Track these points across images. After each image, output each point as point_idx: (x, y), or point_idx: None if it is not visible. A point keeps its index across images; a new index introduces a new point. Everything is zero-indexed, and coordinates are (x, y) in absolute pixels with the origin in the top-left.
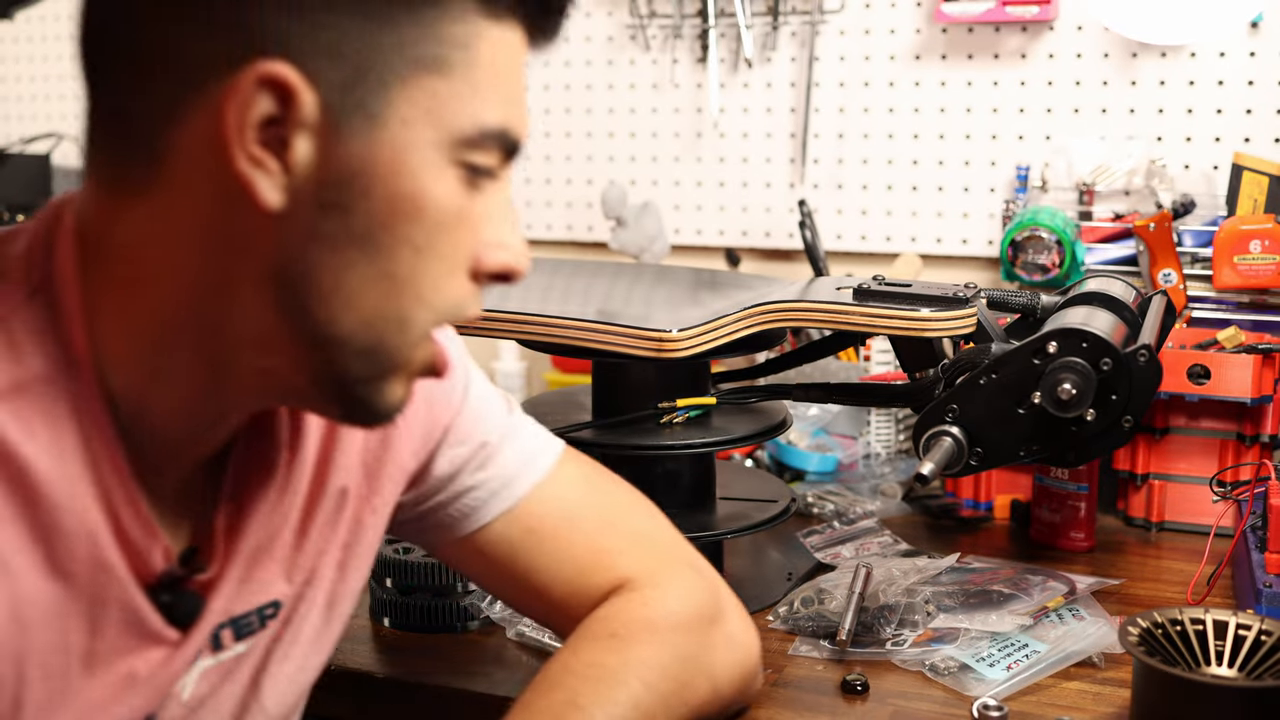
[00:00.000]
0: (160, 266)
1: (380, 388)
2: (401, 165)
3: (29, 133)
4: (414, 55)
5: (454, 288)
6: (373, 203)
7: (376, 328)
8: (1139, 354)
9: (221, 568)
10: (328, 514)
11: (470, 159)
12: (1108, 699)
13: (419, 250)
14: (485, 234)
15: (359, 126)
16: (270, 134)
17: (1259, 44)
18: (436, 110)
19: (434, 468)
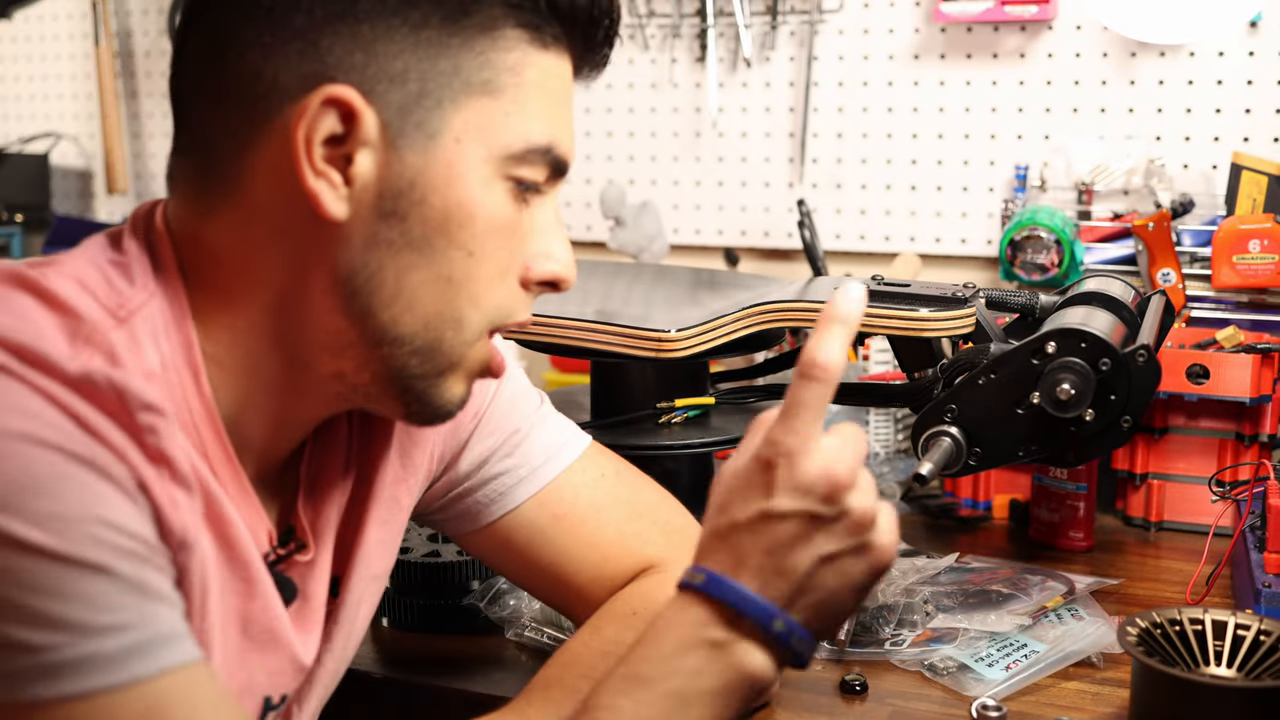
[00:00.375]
0: (242, 278)
1: (439, 385)
2: (454, 177)
3: (27, 132)
4: (467, 79)
5: (504, 293)
6: (428, 211)
7: (435, 327)
8: (1138, 354)
9: (315, 552)
10: (375, 496)
11: (518, 174)
12: (1106, 699)
13: (471, 255)
14: (534, 245)
15: (416, 143)
16: (335, 151)
17: (1258, 43)
18: (487, 128)
19: (465, 455)
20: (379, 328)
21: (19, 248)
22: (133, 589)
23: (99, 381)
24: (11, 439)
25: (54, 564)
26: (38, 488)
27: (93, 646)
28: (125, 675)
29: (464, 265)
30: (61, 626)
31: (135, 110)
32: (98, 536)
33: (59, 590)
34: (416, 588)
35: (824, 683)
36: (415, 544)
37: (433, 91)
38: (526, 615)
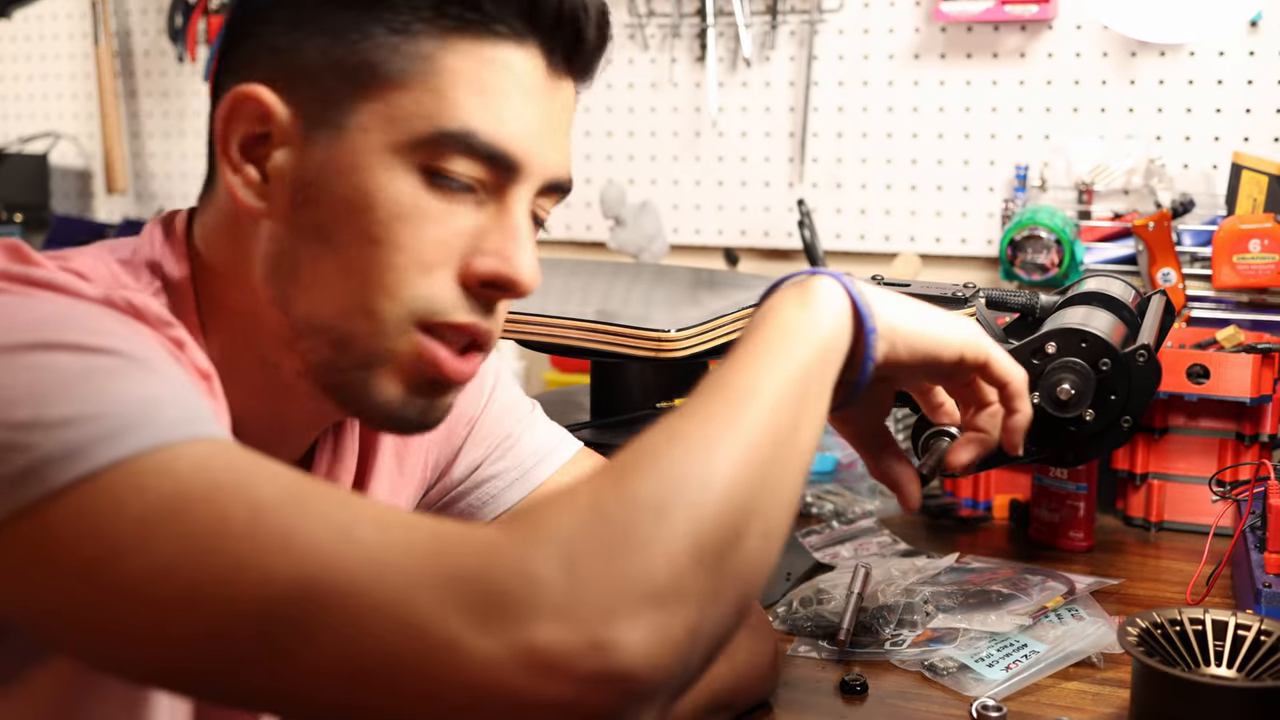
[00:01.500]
0: (225, 285)
1: (366, 381)
2: (355, 165)
3: (27, 132)
4: (377, 71)
5: (426, 285)
6: (331, 198)
7: (348, 317)
8: (1138, 354)
9: None
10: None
11: (437, 164)
12: (1107, 699)
13: (376, 242)
14: (481, 243)
15: (325, 136)
16: (256, 150)
17: (1258, 43)
18: (394, 117)
19: (459, 461)
20: (300, 318)
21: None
22: (178, 382)
23: (120, 303)
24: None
25: (104, 357)
26: (78, 318)
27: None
28: (192, 432)
29: (369, 254)
30: (124, 398)
31: (135, 110)
32: (140, 344)
33: (115, 374)
34: None
35: (824, 683)
36: None
37: (342, 84)
38: None
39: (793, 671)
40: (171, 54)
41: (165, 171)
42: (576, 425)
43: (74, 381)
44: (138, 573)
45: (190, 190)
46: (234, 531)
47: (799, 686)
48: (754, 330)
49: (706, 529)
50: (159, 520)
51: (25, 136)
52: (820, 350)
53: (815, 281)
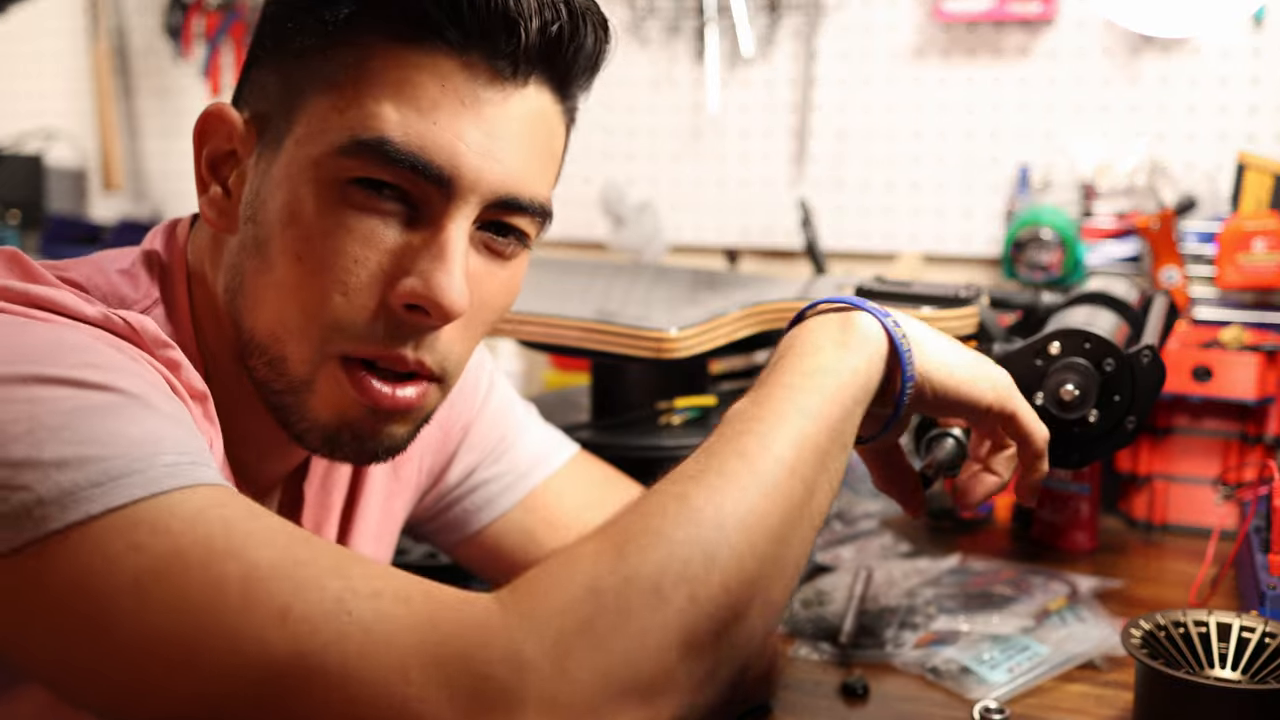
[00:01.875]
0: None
1: (297, 405)
2: (286, 178)
3: (23, 130)
4: (317, 81)
5: (345, 308)
6: (266, 213)
7: (280, 337)
8: (1142, 354)
9: None
10: (366, 510)
11: (357, 174)
12: (1110, 701)
13: (299, 259)
14: (407, 266)
15: (271, 150)
16: (222, 165)
17: (1263, 41)
18: (324, 128)
19: (453, 466)
20: (245, 334)
21: (14, 246)
22: (177, 422)
23: (118, 322)
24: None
25: (100, 393)
26: (76, 349)
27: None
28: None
29: (293, 270)
30: (120, 440)
31: (131, 108)
32: (136, 379)
33: (111, 412)
34: None
35: (825, 686)
36: (414, 546)
37: (289, 98)
38: None
39: (794, 674)
40: (168, 52)
41: (162, 170)
42: (576, 425)
43: (69, 419)
44: (133, 634)
45: (187, 189)
46: (230, 601)
47: (800, 689)
48: (785, 365)
49: (704, 613)
50: (154, 582)
51: (21, 135)
52: (851, 402)
53: (856, 320)
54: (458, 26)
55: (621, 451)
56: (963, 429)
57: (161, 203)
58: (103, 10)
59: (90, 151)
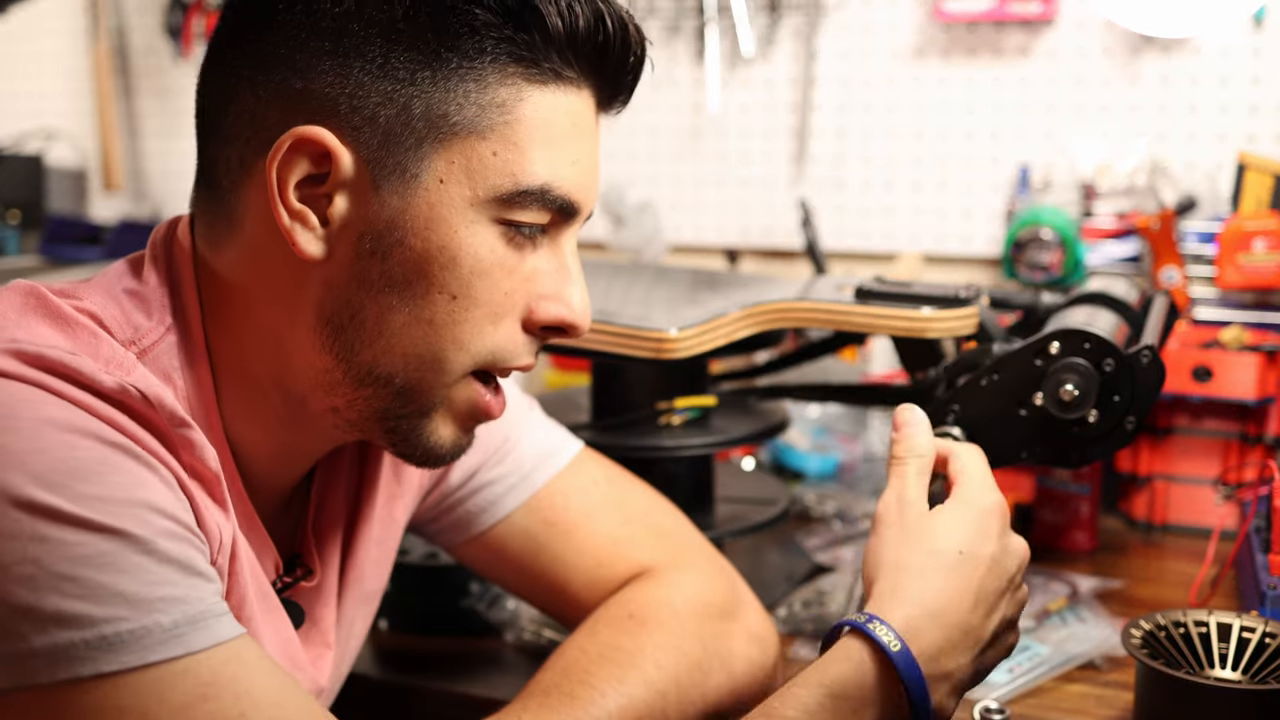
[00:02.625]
0: (245, 313)
1: (422, 426)
2: (436, 219)
3: (23, 130)
4: (450, 119)
5: (497, 335)
6: (408, 253)
7: (416, 369)
8: (1142, 354)
9: (321, 577)
10: (369, 514)
11: (512, 216)
12: (1110, 702)
13: (455, 298)
14: (541, 287)
15: (396, 184)
16: (314, 191)
17: (1263, 42)
18: (473, 170)
19: (456, 467)
20: (361, 367)
21: (15, 246)
22: (179, 566)
23: (134, 395)
24: (54, 428)
25: (105, 538)
26: (83, 472)
27: (149, 620)
28: (181, 648)
29: (447, 308)
30: (118, 599)
31: (131, 108)
32: (142, 518)
33: (113, 564)
34: (415, 590)
35: None
36: (414, 546)
37: (414, 132)
38: (525, 617)
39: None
40: (168, 52)
41: (162, 170)
42: (577, 426)
43: (73, 569)
44: None
45: (187, 189)
46: None
47: None
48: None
49: None
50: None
51: (21, 135)
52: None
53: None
54: (600, 72)
55: (622, 452)
56: (962, 430)
57: (161, 203)
58: (103, 10)
59: (90, 151)
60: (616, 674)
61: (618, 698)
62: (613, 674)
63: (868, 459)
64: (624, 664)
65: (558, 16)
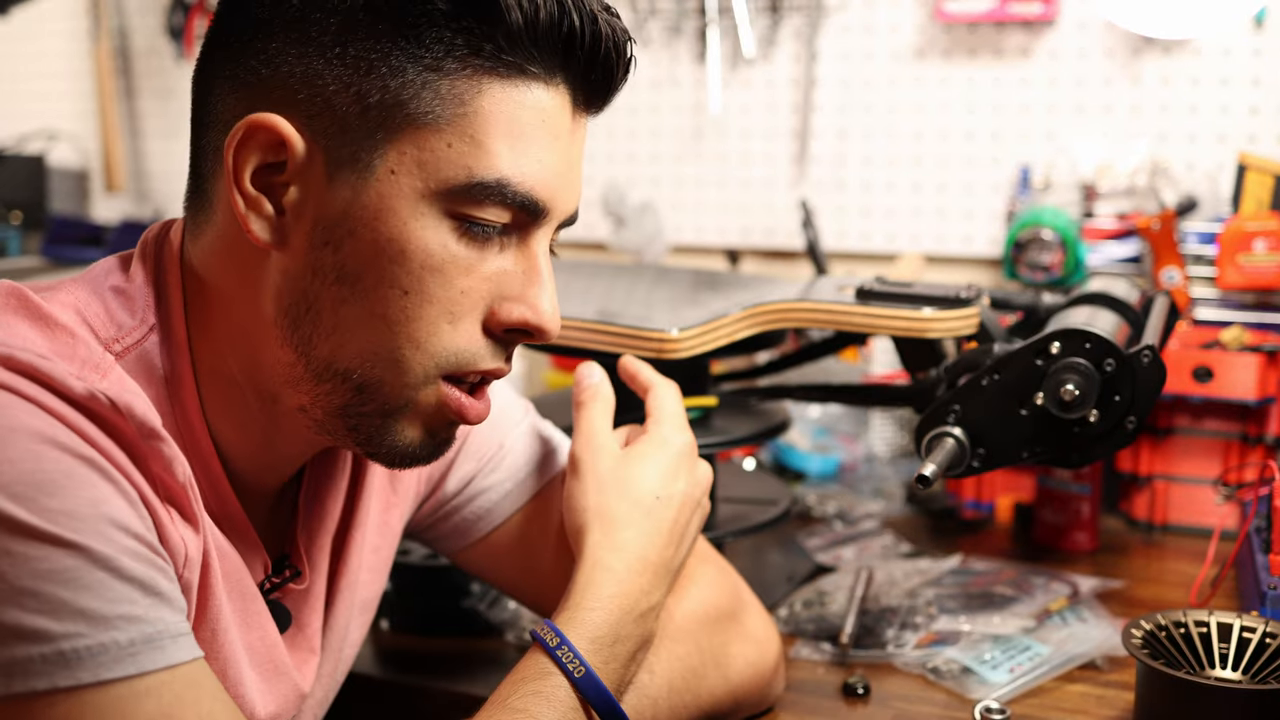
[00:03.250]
0: (219, 304)
1: (386, 426)
2: (385, 210)
3: (25, 131)
4: (405, 109)
5: (456, 336)
6: (358, 244)
7: (373, 365)
8: (1142, 354)
9: (310, 579)
10: (364, 522)
11: (468, 212)
12: (1111, 702)
13: (407, 293)
14: (504, 289)
15: (349, 174)
16: (272, 179)
17: (1264, 42)
18: (426, 161)
19: (451, 475)
20: (319, 361)
21: (17, 247)
22: (140, 585)
23: (103, 403)
24: (23, 437)
25: (68, 554)
26: (50, 485)
27: (107, 637)
28: (135, 667)
29: (399, 304)
30: (77, 616)
31: (133, 109)
32: (106, 534)
33: (74, 579)
34: (416, 590)
35: (826, 685)
36: (415, 547)
37: (367, 121)
38: (526, 617)
39: (795, 674)
40: (170, 53)
41: (164, 171)
42: None
43: (36, 584)
44: None
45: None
46: None
47: (801, 689)
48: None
49: None
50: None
51: (23, 136)
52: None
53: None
54: (566, 63)
55: None
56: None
57: (163, 203)
58: (105, 11)
59: (92, 152)
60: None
61: None
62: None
63: (869, 459)
64: None
65: (516, 7)
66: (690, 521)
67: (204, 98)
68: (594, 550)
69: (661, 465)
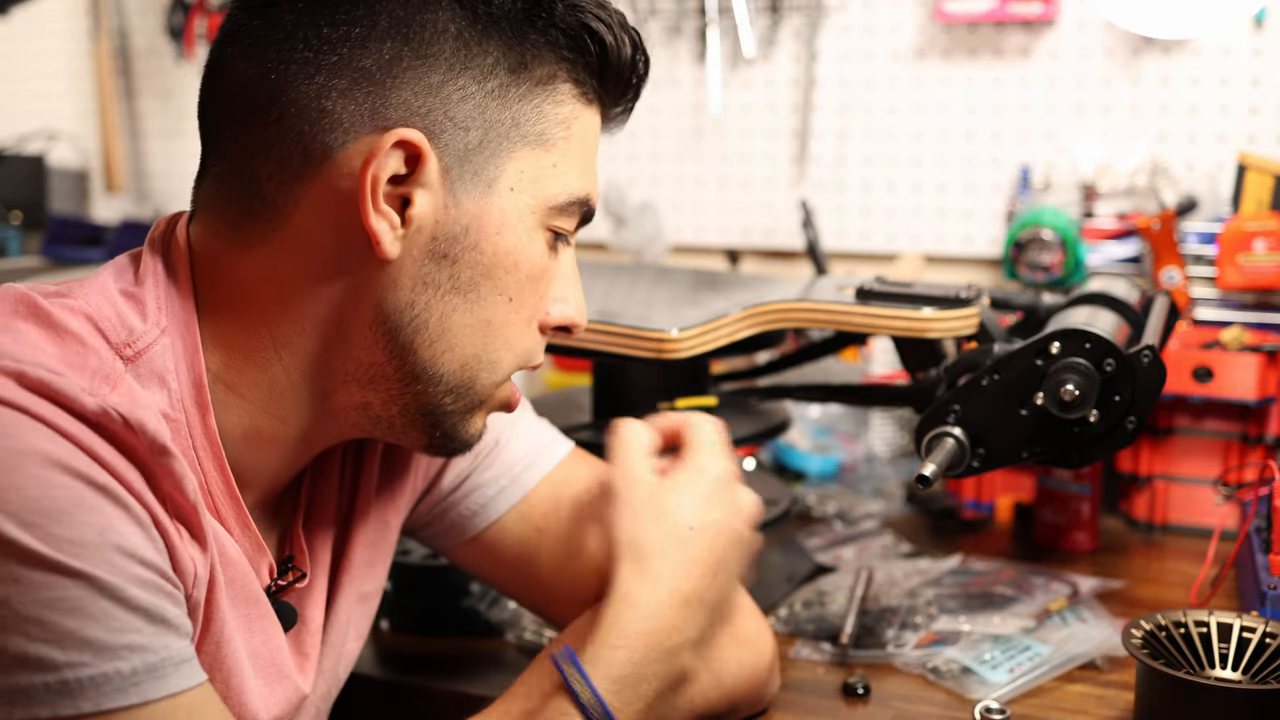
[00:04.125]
0: (277, 308)
1: (465, 421)
2: (505, 225)
3: (25, 131)
4: (524, 130)
5: (530, 336)
6: (479, 256)
7: (471, 367)
8: (1142, 354)
9: (313, 577)
10: (362, 517)
11: (557, 224)
12: (1111, 702)
13: (511, 300)
14: (555, 290)
15: (473, 189)
16: (394, 191)
17: (1263, 42)
18: (538, 179)
19: (448, 472)
20: (418, 365)
21: (16, 247)
22: (145, 614)
23: (115, 420)
24: (32, 462)
25: (75, 583)
26: (58, 513)
27: (109, 667)
28: (138, 697)
29: (504, 310)
30: (82, 645)
31: (133, 109)
32: (113, 563)
33: (80, 609)
34: (416, 590)
35: (826, 685)
36: (415, 546)
37: (492, 140)
38: (526, 617)
39: (795, 674)
40: (170, 53)
41: (164, 171)
42: (577, 426)
43: (41, 613)
44: None
45: (189, 190)
46: None
47: (801, 689)
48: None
49: None
50: None
51: (23, 136)
52: None
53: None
54: (620, 95)
55: None
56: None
57: (163, 203)
58: (105, 11)
59: (92, 152)
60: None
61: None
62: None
63: (869, 459)
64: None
65: (615, 46)
66: (728, 552)
67: (270, 102)
68: (623, 583)
69: (697, 494)
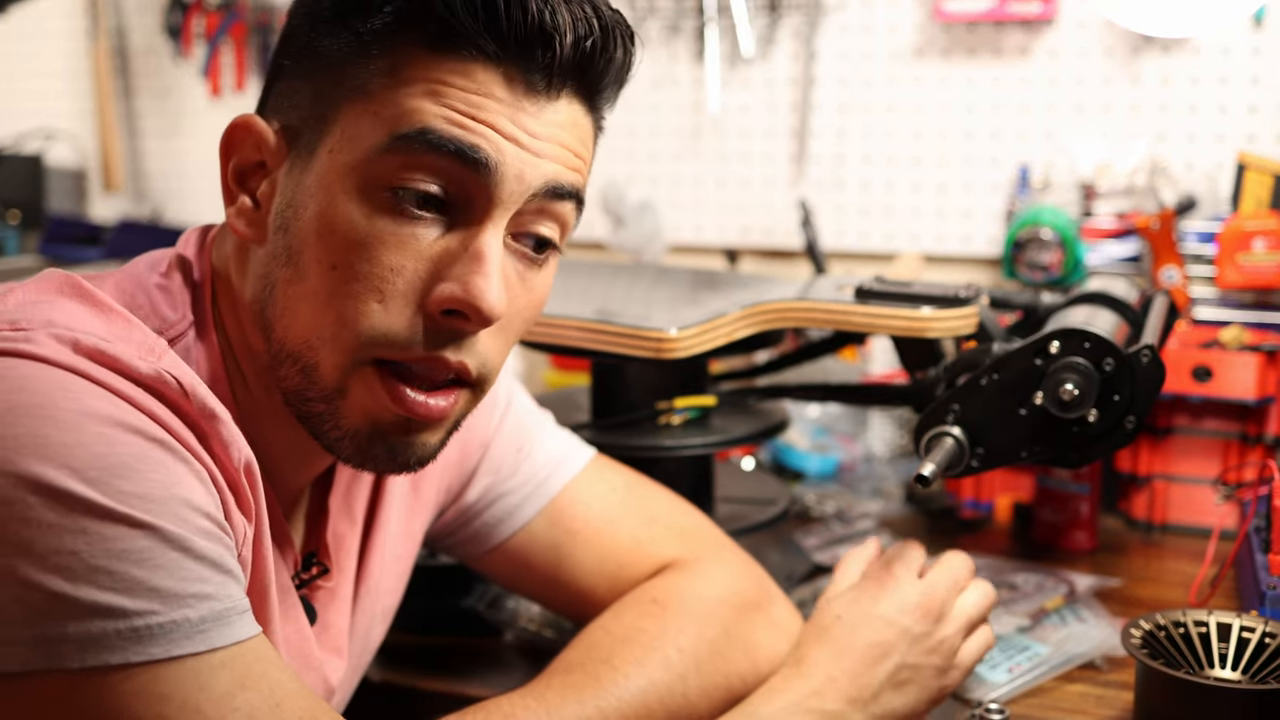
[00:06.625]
0: (236, 301)
1: (329, 413)
2: (321, 188)
3: (23, 130)
4: (346, 87)
5: (387, 317)
6: (301, 223)
7: (313, 345)
8: (1142, 354)
9: (337, 582)
10: (386, 525)
11: (396, 179)
12: (1110, 702)
13: (333, 268)
14: (446, 270)
15: (303, 160)
16: (250, 176)
17: (1263, 41)
18: (356, 135)
19: (473, 485)
20: (276, 344)
21: (14, 246)
22: (210, 564)
23: (170, 383)
24: (95, 420)
25: (143, 534)
26: (124, 468)
27: (179, 614)
28: (206, 644)
29: (329, 279)
30: (151, 594)
31: (131, 108)
32: (180, 515)
33: (148, 559)
34: (416, 590)
35: None
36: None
37: (319, 106)
38: (525, 617)
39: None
40: (168, 52)
41: (162, 170)
42: (577, 426)
43: (110, 563)
44: None
45: (187, 189)
46: None
47: None
48: None
49: None
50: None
51: (21, 135)
52: None
53: None
54: (494, 39)
55: (622, 451)
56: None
57: (161, 203)
58: (103, 10)
59: (90, 151)
60: (638, 655)
61: (639, 679)
62: (634, 655)
63: (867, 459)
64: (646, 646)
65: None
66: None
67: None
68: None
69: (857, 590)
